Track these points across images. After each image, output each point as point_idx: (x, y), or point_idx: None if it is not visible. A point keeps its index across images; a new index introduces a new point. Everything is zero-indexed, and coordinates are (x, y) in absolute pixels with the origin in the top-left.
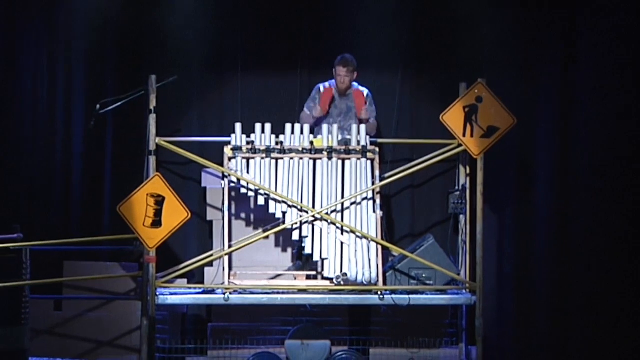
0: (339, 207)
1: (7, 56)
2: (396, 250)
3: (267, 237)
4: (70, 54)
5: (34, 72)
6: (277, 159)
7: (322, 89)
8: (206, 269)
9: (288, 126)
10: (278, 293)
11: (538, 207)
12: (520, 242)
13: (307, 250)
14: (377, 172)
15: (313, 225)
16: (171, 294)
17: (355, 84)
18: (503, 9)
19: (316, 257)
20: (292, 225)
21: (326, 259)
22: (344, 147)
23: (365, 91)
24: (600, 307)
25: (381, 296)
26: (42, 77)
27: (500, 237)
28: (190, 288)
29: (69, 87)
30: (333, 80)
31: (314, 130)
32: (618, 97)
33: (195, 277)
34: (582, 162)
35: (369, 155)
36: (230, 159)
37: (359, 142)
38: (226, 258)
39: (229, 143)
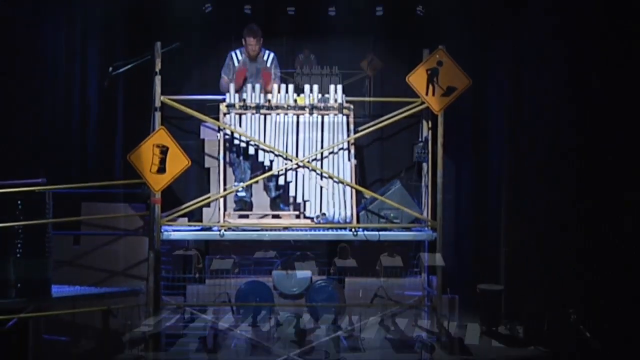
0: (318, 156)
1: (32, 25)
2: (368, 194)
3: (256, 182)
4: (86, 22)
5: (55, 37)
6: (265, 115)
7: (234, 56)
8: (204, 209)
9: (275, 85)
10: (266, 230)
11: (491, 155)
12: (475, 185)
13: (292, 193)
14: (352, 126)
15: (296, 172)
16: (174, 230)
17: (262, 48)
18: None
19: (299, 199)
20: (278, 171)
21: (307, 200)
22: (323, 104)
23: (272, 55)
24: (546, 243)
25: (355, 233)
26: (62, 43)
27: (457, 181)
28: (190, 226)
29: (86, 52)
30: (243, 48)
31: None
32: (562, 58)
33: (195, 216)
34: (530, 117)
35: (345, 111)
36: (225, 114)
37: (336, 100)
38: (221, 200)
39: (224, 100)
